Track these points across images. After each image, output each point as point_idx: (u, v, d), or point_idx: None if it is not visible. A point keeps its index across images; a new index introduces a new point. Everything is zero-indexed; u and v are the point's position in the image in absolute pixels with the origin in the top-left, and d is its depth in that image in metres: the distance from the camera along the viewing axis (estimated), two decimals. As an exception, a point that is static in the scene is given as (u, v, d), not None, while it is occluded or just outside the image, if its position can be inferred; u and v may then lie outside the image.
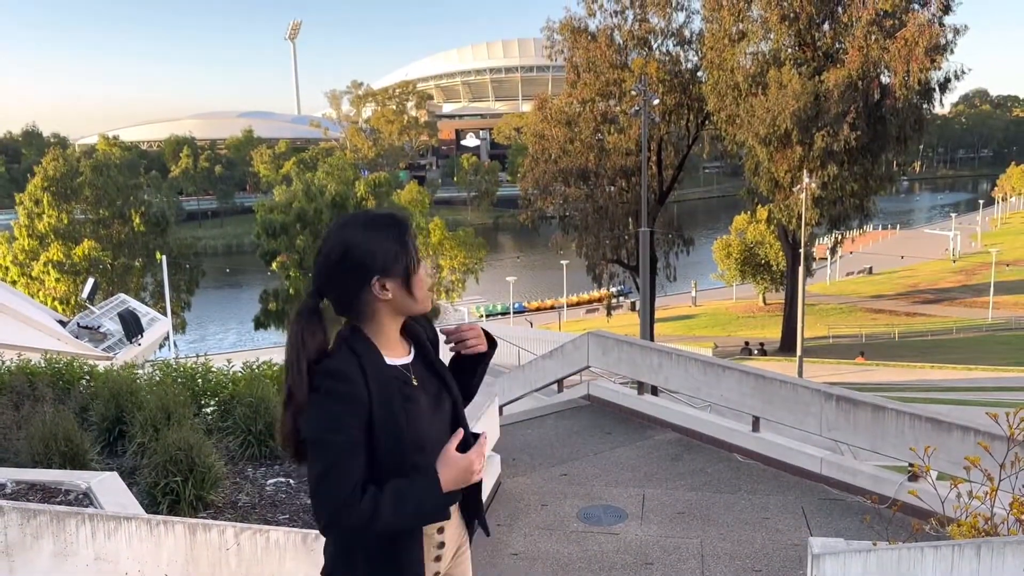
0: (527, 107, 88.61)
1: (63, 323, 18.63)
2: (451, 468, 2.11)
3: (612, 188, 41.09)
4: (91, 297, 21.23)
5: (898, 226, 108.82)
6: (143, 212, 48.76)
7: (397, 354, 2.25)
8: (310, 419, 2.09)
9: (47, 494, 4.48)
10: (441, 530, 2.27)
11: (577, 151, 40.39)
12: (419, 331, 2.36)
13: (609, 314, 51.13)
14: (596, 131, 40.66)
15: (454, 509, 2.32)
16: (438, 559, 2.29)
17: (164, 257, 38.11)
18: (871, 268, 78.41)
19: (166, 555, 3.75)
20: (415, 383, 2.23)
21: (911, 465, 6.98)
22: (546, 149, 41.54)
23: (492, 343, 2.46)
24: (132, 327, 17.55)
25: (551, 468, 8.59)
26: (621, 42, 40.54)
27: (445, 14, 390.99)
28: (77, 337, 16.92)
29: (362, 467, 2.08)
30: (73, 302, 40.00)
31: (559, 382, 11.75)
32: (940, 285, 68.83)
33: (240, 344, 49.06)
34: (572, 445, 9.31)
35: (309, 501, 2.23)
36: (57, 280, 43.46)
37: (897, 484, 7.08)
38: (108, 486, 4.53)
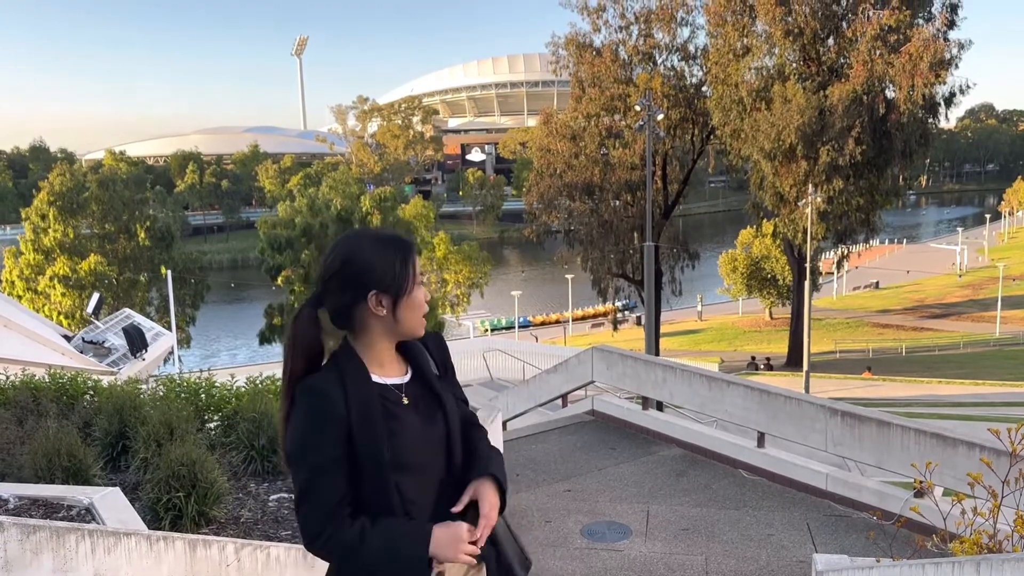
0: (532, 122, 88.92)
1: (68, 338, 18.67)
2: (445, 532, 2.09)
3: (617, 202, 41.13)
4: (96, 312, 21.28)
5: (904, 240, 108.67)
6: (148, 227, 49.01)
7: (389, 372, 2.24)
8: (291, 436, 2.11)
9: (49, 509, 4.48)
10: None
11: (582, 165, 40.48)
12: (420, 352, 2.33)
13: (615, 328, 51.06)
14: (601, 146, 40.75)
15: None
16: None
17: (169, 272, 38.20)
18: (877, 283, 78.23)
19: (166, 571, 3.74)
20: (406, 402, 2.21)
21: (917, 481, 6.94)
22: (551, 163, 41.65)
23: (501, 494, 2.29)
24: (136, 342, 17.58)
25: (555, 484, 8.55)
26: (626, 57, 40.73)
27: (451, 29, 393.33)
28: (82, 352, 16.95)
29: (343, 486, 2.08)
30: (78, 316, 40.12)
31: (563, 397, 11.72)
32: (947, 300, 68.64)
33: (255, 359, 49.16)
34: (576, 461, 9.27)
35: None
36: (62, 294, 43.61)
37: (902, 500, 7.03)
38: (110, 502, 4.53)
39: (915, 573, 3.21)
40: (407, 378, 2.26)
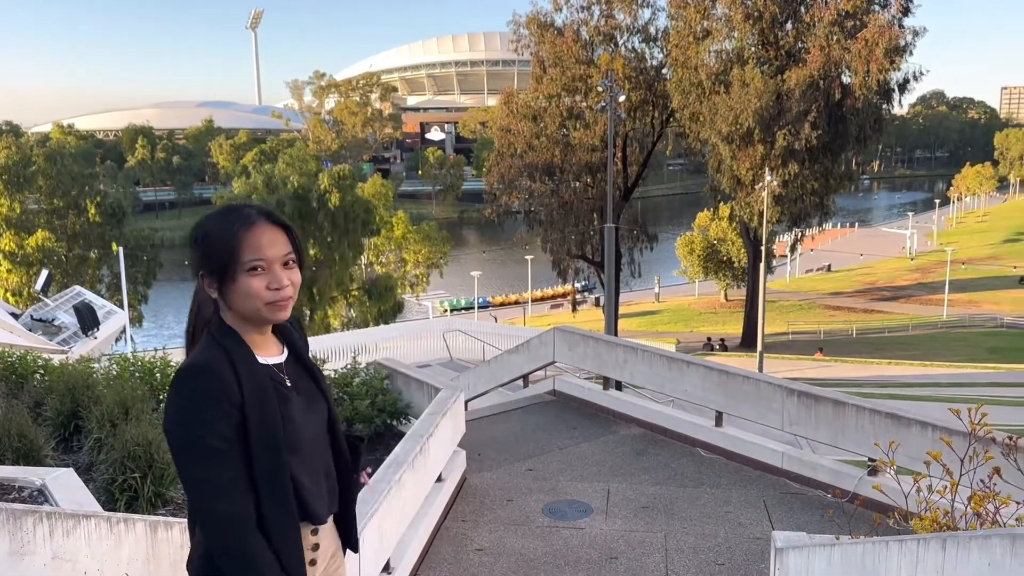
0: (492, 101, 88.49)
1: (16, 315, 18.19)
2: None
3: (577, 184, 41.16)
4: (45, 289, 20.76)
5: (856, 224, 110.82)
6: (99, 202, 47.75)
7: (268, 352, 2.13)
8: (176, 421, 1.94)
9: (0, 491, 4.36)
10: (315, 531, 2.17)
11: (543, 146, 40.38)
12: (290, 329, 2.24)
13: (574, 309, 51.30)
14: (562, 126, 40.69)
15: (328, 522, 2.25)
16: (313, 563, 2.18)
17: (121, 248, 37.29)
18: (830, 265, 79.77)
19: (126, 553, 3.66)
20: (288, 383, 2.12)
21: (871, 460, 7.10)
22: (512, 144, 41.47)
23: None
24: (88, 320, 17.17)
25: (516, 463, 8.59)
26: (587, 38, 40.61)
27: (410, 5, 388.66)
28: (31, 330, 16.54)
29: (240, 476, 1.95)
30: (26, 294, 39.12)
31: (525, 377, 11.75)
32: (897, 283, 70.27)
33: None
34: (538, 440, 9.32)
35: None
36: (9, 271, 42.44)
37: (856, 479, 7.20)
38: (64, 482, 4.42)
39: (879, 551, 3.25)
40: (283, 358, 2.16)
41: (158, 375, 8.05)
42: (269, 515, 1.98)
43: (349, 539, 2.34)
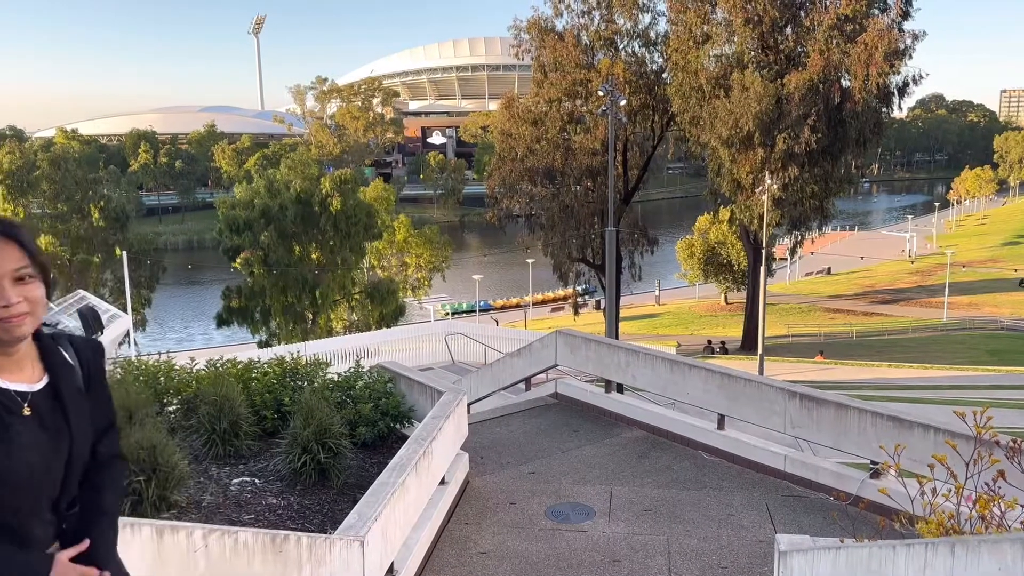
0: (493, 106, 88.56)
1: (18, 320, 18.15)
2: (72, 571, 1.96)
3: (578, 187, 41.17)
4: (48, 294, 20.72)
5: (856, 227, 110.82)
6: (102, 207, 47.90)
7: (16, 376, 2.00)
8: None
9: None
10: None
11: (544, 150, 40.40)
12: (62, 360, 2.12)
13: (576, 312, 51.31)
14: (563, 131, 40.71)
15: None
16: None
17: (124, 253, 37.37)
18: (829, 268, 79.75)
19: (134, 557, 3.66)
20: (26, 412, 1.97)
21: (873, 463, 7.10)
22: (513, 148, 41.50)
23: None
24: (92, 324, 17.13)
25: (519, 466, 8.59)
26: (588, 42, 40.68)
27: (412, 11, 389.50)
28: (33, 334, 16.49)
29: None
30: (29, 299, 39.06)
31: (527, 380, 11.75)
32: (897, 285, 70.23)
33: (229, 341, 47.99)
34: (540, 443, 9.32)
35: (272, 501, 1.97)
36: (12, 276, 42.45)
37: (859, 481, 7.20)
38: (70, 487, 4.41)
39: (886, 554, 3.23)
40: (38, 386, 2.04)
41: (162, 379, 8.07)
42: None
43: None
